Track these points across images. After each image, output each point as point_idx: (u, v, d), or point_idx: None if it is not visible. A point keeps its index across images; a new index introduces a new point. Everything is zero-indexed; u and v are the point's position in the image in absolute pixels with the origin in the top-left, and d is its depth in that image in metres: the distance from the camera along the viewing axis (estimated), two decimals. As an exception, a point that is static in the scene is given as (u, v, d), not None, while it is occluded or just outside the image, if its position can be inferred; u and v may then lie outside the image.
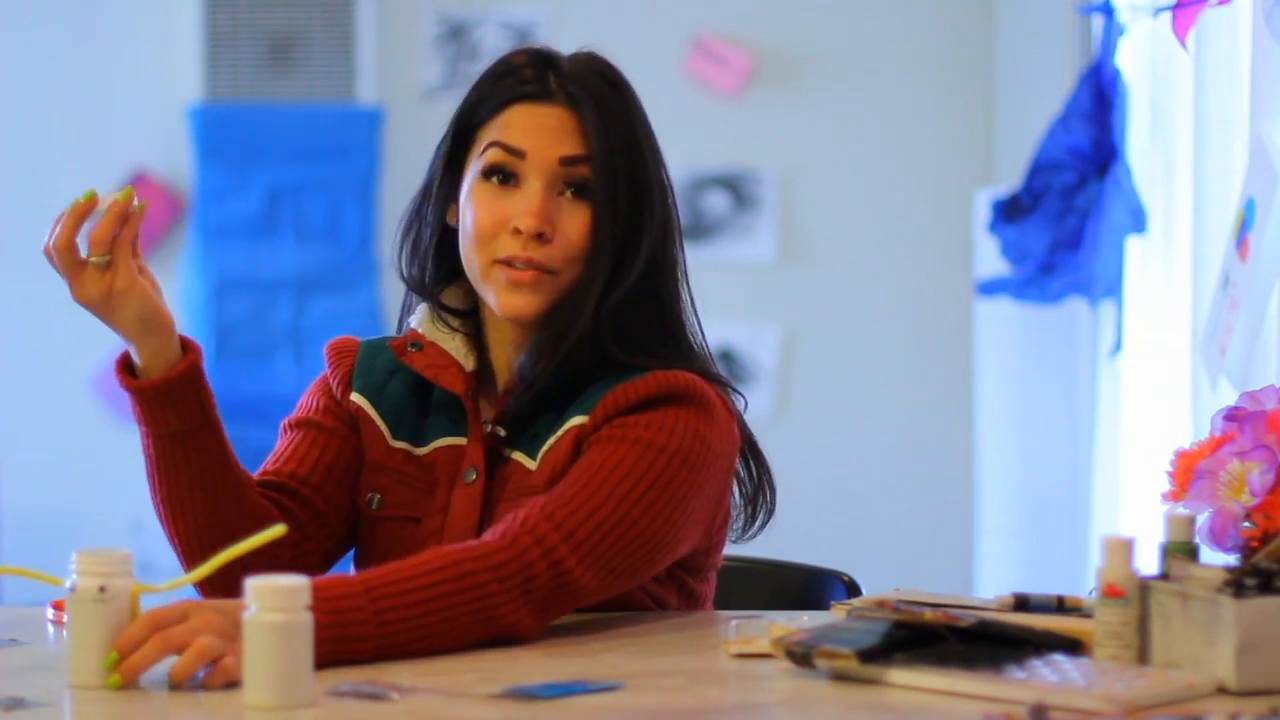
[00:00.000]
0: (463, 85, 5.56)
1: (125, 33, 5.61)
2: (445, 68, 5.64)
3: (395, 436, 2.27)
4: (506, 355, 2.25)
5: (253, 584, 1.76)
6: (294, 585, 1.77)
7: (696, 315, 2.27)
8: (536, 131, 2.19)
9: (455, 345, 2.26)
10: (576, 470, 2.12)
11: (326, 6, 5.56)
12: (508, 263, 2.17)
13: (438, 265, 2.28)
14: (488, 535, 2.06)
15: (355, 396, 2.29)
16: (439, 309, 2.28)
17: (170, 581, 1.98)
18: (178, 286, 5.57)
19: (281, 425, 2.33)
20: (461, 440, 2.24)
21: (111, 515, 5.56)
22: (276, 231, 5.56)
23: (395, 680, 1.86)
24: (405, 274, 2.30)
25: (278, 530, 1.88)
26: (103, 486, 5.61)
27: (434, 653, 1.96)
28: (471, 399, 2.24)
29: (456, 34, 5.63)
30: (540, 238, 2.17)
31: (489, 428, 2.22)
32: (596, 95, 2.20)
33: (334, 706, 1.78)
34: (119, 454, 5.57)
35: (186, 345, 2.18)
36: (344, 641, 1.92)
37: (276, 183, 5.55)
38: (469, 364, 2.25)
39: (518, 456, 2.21)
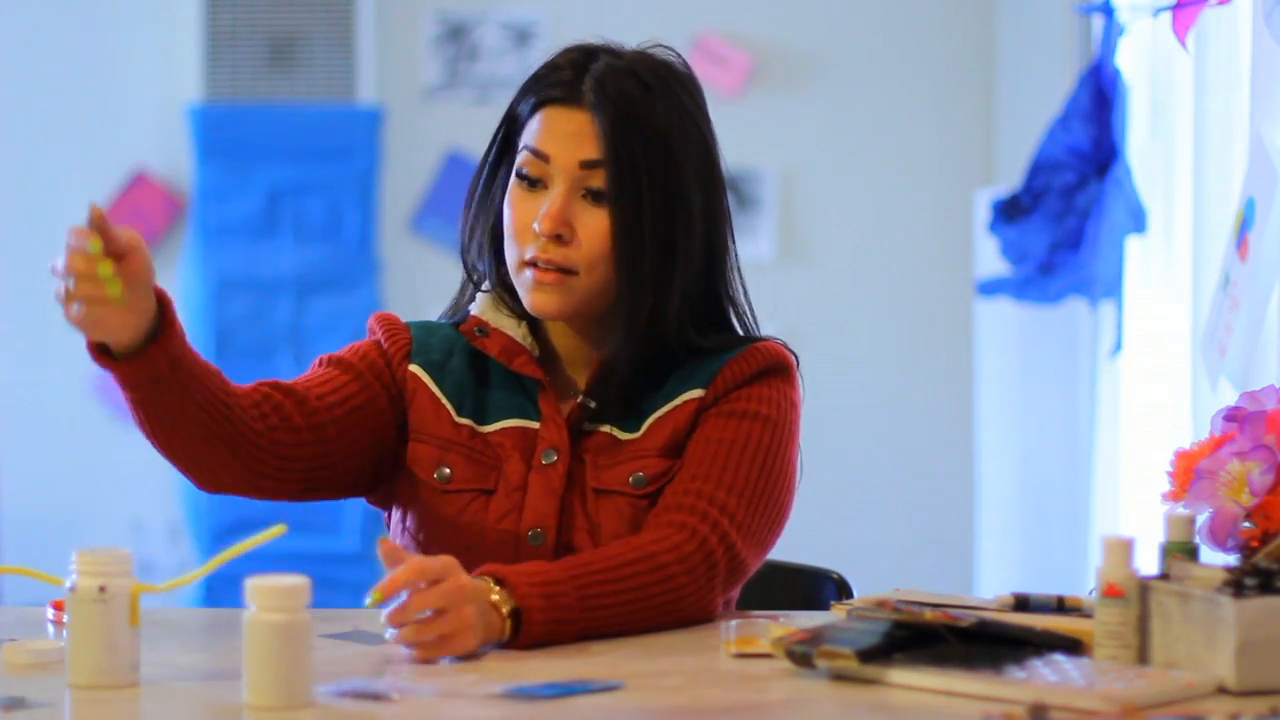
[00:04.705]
0: (462, 85, 5.63)
1: (125, 33, 5.61)
2: (445, 68, 5.64)
3: (460, 414, 2.30)
4: (566, 340, 2.31)
5: (253, 584, 1.76)
6: (294, 585, 1.77)
7: (745, 290, 2.35)
8: (560, 136, 2.24)
9: (522, 333, 2.31)
10: (711, 449, 2.23)
11: (326, 6, 5.56)
12: (533, 263, 2.23)
13: (495, 252, 2.32)
14: (665, 527, 2.16)
15: (415, 368, 2.32)
16: (503, 295, 2.32)
17: (170, 581, 1.98)
18: (178, 286, 5.58)
19: (316, 360, 2.32)
20: (533, 424, 2.28)
21: (111, 515, 5.56)
22: (276, 231, 5.56)
23: (395, 680, 1.86)
24: (469, 263, 2.34)
25: (277, 530, 1.89)
26: (103, 486, 5.61)
27: (626, 634, 2.08)
28: (547, 384, 2.29)
29: (456, 34, 5.63)
30: (558, 239, 2.22)
31: (580, 398, 2.27)
32: (619, 98, 2.23)
33: (334, 706, 1.78)
34: (119, 454, 5.57)
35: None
36: (557, 625, 2.03)
37: (276, 183, 5.55)
38: (535, 350, 2.30)
39: (607, 428, 2.27)
